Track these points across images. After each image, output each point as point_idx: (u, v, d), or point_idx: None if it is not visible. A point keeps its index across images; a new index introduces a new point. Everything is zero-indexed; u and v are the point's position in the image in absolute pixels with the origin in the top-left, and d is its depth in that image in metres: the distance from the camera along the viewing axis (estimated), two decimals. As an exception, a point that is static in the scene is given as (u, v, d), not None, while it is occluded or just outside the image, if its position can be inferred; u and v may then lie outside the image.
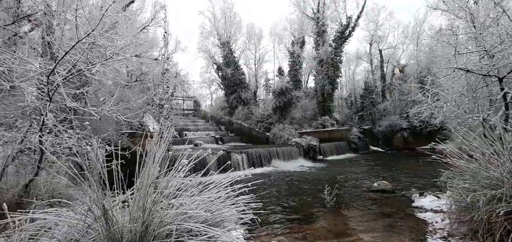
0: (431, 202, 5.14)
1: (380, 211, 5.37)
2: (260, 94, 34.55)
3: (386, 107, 25.50)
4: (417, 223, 4.61)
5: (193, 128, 24.83)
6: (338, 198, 6.25)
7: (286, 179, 10.13)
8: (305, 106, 24.24)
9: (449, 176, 4.09)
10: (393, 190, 6.89)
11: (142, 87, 13.86)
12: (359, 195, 6.85)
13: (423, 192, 5.79)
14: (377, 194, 6.79)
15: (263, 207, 6.17)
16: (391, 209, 5.48)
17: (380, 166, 12.61)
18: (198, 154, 3.69)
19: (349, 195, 6.94)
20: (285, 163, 14.53)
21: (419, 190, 6.51)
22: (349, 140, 21.61)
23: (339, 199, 6.27)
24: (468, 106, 6.14)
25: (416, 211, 5.13)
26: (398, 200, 6.15)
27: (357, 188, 7.68)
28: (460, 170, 3.83)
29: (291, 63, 26.24)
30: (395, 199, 6.24)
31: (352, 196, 6.77)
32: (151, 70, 13.02)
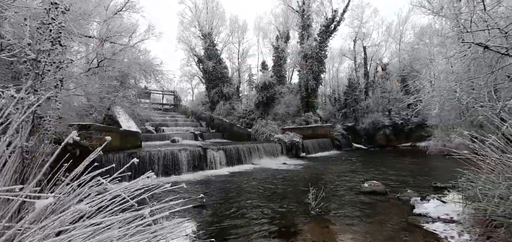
0: (437, 209, 4.33)
1: (377, 220, 4.51)
2: (243, 90, 33.47)
3: (369, 105, 25.44)
4: (426, 238, 3.69)
5: (172, 124, 23.33)
6: (325, 202, 5.35)
7: (267, 178, 9.19)
8: (288, 102, 23.50)
9: (471, 178, 3.25)
10: (385, 191, 6.14)
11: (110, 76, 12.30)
12: (348, 198, 6.02)
13: (426, 195, 4.94)
14: (369, 196, 5.98)
15: (238, 214, 5.24)
16: (388, 216, 4.65)
17: (365, 164, 12.05)
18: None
19: (337, 198, 6.09)
20: (267, 160, 13.61)
21: (414, 191, 5.79)
22: (333, 137, 21.18)
23: (325, 204, 5.39)
24: (474, 95, 5.45)
25: (421, 220, 4.27)
26: (394, 205, 5.37)
27: (345, 189, 6.87)
28: (488, 171, 2.98)
29: (275, 58, 25.38)
30: (391, 203, 5.48)
31: (341, 200, 5.94)
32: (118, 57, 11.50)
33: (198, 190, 7.62)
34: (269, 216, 4.98)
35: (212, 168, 11.49)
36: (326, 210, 5.04)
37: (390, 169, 10.07)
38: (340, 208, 5.22)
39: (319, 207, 4.94)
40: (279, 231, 4.22)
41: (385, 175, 8.86)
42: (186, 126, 23.45)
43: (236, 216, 5.06)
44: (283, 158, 14.80)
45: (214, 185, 8.39)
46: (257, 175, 10.17)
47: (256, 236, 4.02)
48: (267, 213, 5.16)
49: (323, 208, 5.03)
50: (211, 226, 4.56)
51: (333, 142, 20.77)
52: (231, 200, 6.30)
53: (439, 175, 8.65)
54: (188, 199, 6.53)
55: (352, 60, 28.16)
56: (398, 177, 8.44)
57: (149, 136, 18.25)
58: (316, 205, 4.89)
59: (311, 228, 4.23)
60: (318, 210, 4.88)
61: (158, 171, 9.94)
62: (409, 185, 6.63)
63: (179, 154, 10.73)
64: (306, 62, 21.30)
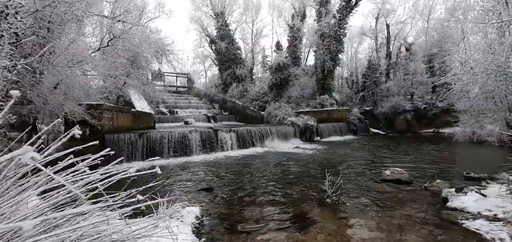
0: (476, 203, 3.67)
1: (403, 213, 3.90)
2: (257, 72, 32.74)
3: (390, 88, 23.98)
4: (467, 239, 3.07)
5: (185, 106, 23.44)
6: (342, 189, 4.88)
7: (279, 162, 8.80)
8: (303, 85, 22.64)
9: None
10: (410, 180, 5.53)
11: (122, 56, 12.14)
12: (368, 186, 5.45)
13: (463, 187, 4.22)
14: (391, 185, 5.40)
15: (248, 199, 4.78)
16: (416, 209, 4.04)
17: (385, 150, 11.29)
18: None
19: (355, 186, 5.53)
20: (279, 143, 13.19)
21: (444, 181, 5.14)
22: (349, 121, 20.27)
23: (343, 192, 4.91)
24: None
25: (459, 216, 3.60)
26: (422, 196, 4.74)
27: (364, 176, 6.31)
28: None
29: (291, 38, 24.27)
30: (417, 194, 4.85)
31: (360, 187, 5.38)
32: (127, 36, 11.22)
33: (208, 172, 7.39)
34: (281, 202, 4.60)
35: (223, 150, 11.26)
36: (343, 199, 4.56)
37: (412, 156, 9.29)
38: (359, 197, 4.71)
39: (336, 194, 4.47)
40: (291, 218, 3.84)
41: (408, 162, 8.15)
42: (199, 108, 23.45)
43: (246, 200, 4.73)
44: (296, 142, 14.31)
45: (225, 167, 8.13)
46: (269, 158, 9.80)
47: (267, 223, 3.66)
48: (278, 198, 4.78)
49: (340, 196, 4.56)
50: (219, 210, 4.26)
51: (349, 126, 19.91)
52: (241, 183, 5.99)
53: (470, 164, 7.83)
54: (197, 181, 6.31)
55: (373, 39, 26.38)
56: (422, 164, 7.71)
57: (163, 117, 18.40)
58: (332, 192, 4.43)
59: (326, 217, 3.80)
60: (334, 198, 4.42)
61: (169, 152, 9.83)
62: (436, 174, 5.95)
63: (190, 135, 10.54)
64: (323, 42, 20.12)
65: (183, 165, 8.60)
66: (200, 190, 5.44)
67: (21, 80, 6.91)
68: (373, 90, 23.36)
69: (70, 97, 8.47)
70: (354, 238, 3.19)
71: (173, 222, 2.95)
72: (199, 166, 8.37)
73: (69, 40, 7.66)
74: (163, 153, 9.69)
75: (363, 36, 28.53)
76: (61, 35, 7.75)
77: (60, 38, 7.68)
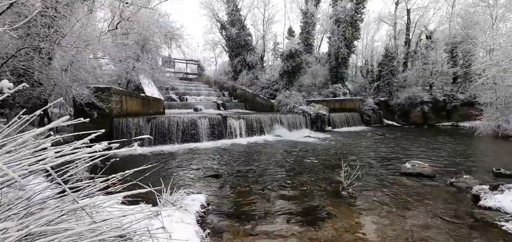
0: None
1: (428, 210, 3.51)
2: (268, 59, 32.07)
3: (407, 78, 22.86)
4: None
5: (195, 93, 23.37)
6: (358, 182, 4.46)
7: (290, 151, 8.48)
8: (315, 73, 21.94)
9: None
10: (434, 174, 5.08)
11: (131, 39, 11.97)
12: (386, 179, 5.03)
13: (499, 184, 3.65)
14: (412, 179, 4.97)
15: (257, 187, 4.49)
16: (444, 207, 3.62)
17: (401, 142, 10.71)
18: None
19: (372, 178, 5.11)
20: (290, 132, 12.84)
21: (472, 177, 4.66)
22: (362, 111, 19.55)
23: (359, 184, 4.48)
24: None
25: (496, 217, 3.14)
26: (448, 192, 4.28)
27: (381, 169, 5.88)
28: None
29: (303, 24, 23.37)
30: (443, 190, 4.41)
31: (377, 181, 4.97)
32: (137, 18, 10.99)
33: (216, 159, 7.20)
34: (292, 192, 4.31)
35: (232, 137, 11.05)
36: (359, 191, 4.21)
37: (432, 150, 8.72)
38: (378, 190, 4.33)
39: (352, 187, 4.12)
40: (303, 211, 3.55)
41: (428, 155, 7.61)
42: (209, 95, 23.32)
43: (254, 189, 4.48)
44: (307, 131, 13.90)
45: (233, 154, 7.91)
46: (279, 146, 9.50)
47: (277, 215, 3.39)
48: (289, 189, 4.49)
49: (357, 189, 4.21)
50: (226, 198, 4.03)
51: (362, 117, 19.23)
52: (250, 171, 5.74)
53: (497, 159, 7.23)
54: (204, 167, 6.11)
55: (392, 26, 25.01)
56: (444, 159, 7.17)
57: (172, 104, 18.38)
58: (348, 184, 4.08)
59: (342, 212, 3.48)
60: (350, 191, 4.08)
61: (177, 137, 9.70)
62: (462, 169, 5.46)
63: (199, 121, 10.36)
64: (338, 28, 19.23)
65: (192, 151, 8.46)
66: (207, 176, 5.23)
67: (29, 62, 6.84)
68: (389, 80, 22.33)
69: (79, 80, 8.41)
70: (374, 236, 2.87)
71: (176, 211, 2.73)
72: (208, 153, 8.19)
73: (77, 20, 7.50)
74: (172, 138, 9.57)
75: (380, 23, 27.13)
76: (70, 16, 7.58)
77: (69, 19, 7.51)
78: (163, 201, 2.77)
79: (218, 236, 2.79)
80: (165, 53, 22.73)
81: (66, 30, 7.01)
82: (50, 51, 6.48)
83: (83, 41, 7.33)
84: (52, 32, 6.81)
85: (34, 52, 6.79)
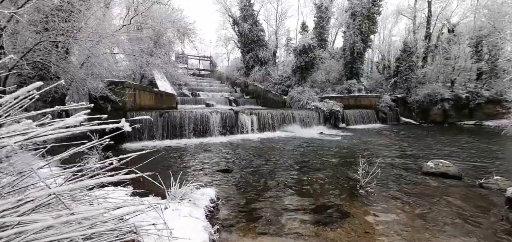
0: None
1: (456, 213, 3.22)
2: (280, 55, 31.67)
3: (427, 74, 21.78)
4: None
5: (207, 89, 23.54)
6: (376, 180, 4.13)
7: (303, 148, 8.26)
8: (329, 68, 21.38)
9: None
10: (460, 174, 4.72)
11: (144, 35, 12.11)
12: (407, 179, 4.69)
13: None
14: (436, 179, 4.63)
15: (268, 184, 4.32)
16: (474, 211, 3.30)
17: (420, 141, 10.18)
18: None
19: (392, 177, 4.76)
20: (302, 129, 12.57)
21: (504, 178, 4.27)
22: (378, 108, 18.87)
23: (377, 182, 4.16)
24: None
25: None
26: (477, 194, 3.91)
27: (400, 168, 5.55)
28: None
29: (317, 19, 22.79)
30: (471, 191, 4.04)
31: (397, 180, 4.64)
32: (150, 13, 11.06)
33: (227, 154, 7.11)
34: (304, 190, 4.13)
35: (244, 132, 10.95)
36: (378, 190, 3.95)
37: (455, 149, 8.19)
38: (398, 190, 4.06)
39: (370, 186, 3.88)
40: (316, 209, 3.36)
41: (451, 155, 7.14)
42: (221, 91, 23.40)
43: (266, 186, 4.33)
44: (320, 127, 13.57)
45: (244, 150, 7.80)
46: (291, 143, 9.30)
47: (289, 213, 3.23)
48: (301, 186, 4.31)
49: (375, 188, 3.95)
50: (236, 194, 3.92)
51: (378, 114, 18.57)
52: (261, 167, 5.60)
53: (529, 159, 6.67)
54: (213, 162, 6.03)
55: (411, 19, 23.87)
56: (469, 158, 6.69)
57: (185, 99, 18.58)
58: (367, 182, 3.84)
59: (358, 211, 3.26)
60: (368, 189, 3.84)
61: (189, 132, 9.72)
62: (491, 170, 5.02)
63: (210, 116, 10.33)
64: (354, 22, 18.58)
65: (203, 146, 8.44)
66: (218, 171, 5.15)
67: (47, 56, 7.01)
68: (407, 76, 21.36)
69: (94, 74, 8.58)
70: (395, 240, 2.64)
71: (184, 205, 2.64)
72: (219, 147, 8.14)
73: (91, 14, 7.61)
74: (184, 132, 9.61)
75: (399, 16, 25.97)
76: (86, 11, 7.70)
77: (84, 14, 7.63)
78: (172, 195, 2.68)
79: (228, 233, 2.68)
80: (179, 50, 22.98)
81: (81, 24, 7.13)
82: (65, 45, 6.59)
83: (98, 35, 7.43)
84: (68, 27, 6.94)
85: (51, 46, 6.95)
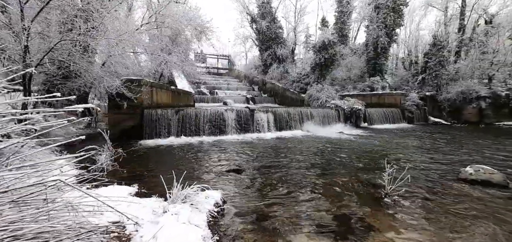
0: None
1: (504, 229, 2.72)
2: (299, 53, 30.99)
3: (460, 69, 20.01)
4: None
5: (225, 87, 23.62)
6: (405, 186, 3.67)
7: (321, 148, 7.81)
8: (350, 65, 20.44)
9: None
10: (506, 183, 4.06)
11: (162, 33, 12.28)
12: (441, 186, 4.10)
13: None
14: (477, 187, 3.99)
15: (282, 188, 4.00)
16: None
17: (454, 143, 9.22)
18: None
19: (422, 184, 4.20)
20: (321, 128, 12.04)
21: None
22: (404, 107, 17.67)
23: (406, 189, 3.70)
24: None
25: None
26: None
27: (432, 173, 4.92)
28: None
29: (338, 14, 21.92)
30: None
31: (429, 187, 4.07)
32: (167, 11, 11.16)
33: (240, 153, 6.89)
34: (322, 196, 3.75)
35: (260, 131, 10.69)
36: (407, 199, 3.47)
37: (497, 153, 7.24)
38: (431, 199, 3.52)
39: (397, 193, 3.41)
40: (336, 219, 2.99)
41: (493, 160, 6.28)
42: (239, 90, 23.34)
43: (279, 189, 4.03)
44: (340, 127, 12.92)
45: (259, 149, 7.53)
46: (309, 143, 8.87)
47: (304, 222, 2.89)
48: (319, 191, 3.95)
49: (403, 196, 3.48)
50: (245, 197, 3.65)
51: (404, 113, 17.38)
52: (275, 168, 5.30)
53: None
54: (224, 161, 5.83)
55: (442, 11, 22.10)
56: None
57: (203, 97, 18.70)
58: (393, 190, 3.38)
59: (384, 223, 2.83)
60: (396, 198, 3.38)
61: (204, 129, 9.66)
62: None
63: (225, 114, 10.19)
64: (378, 15, 17.53)
65: (217, 144, 8.30)
66: (228, 170, 4.93)
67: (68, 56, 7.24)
68: (437, 72, 19.77)
69: (114, 73, 8.78)
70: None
71: (185, 208, 2.42)
72: (233, 146, 7.95)
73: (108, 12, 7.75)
74: (198, 130, 9.56)
75: (428, 7, 24.16)
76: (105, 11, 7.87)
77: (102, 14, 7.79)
78: (173, 197, 2.48)
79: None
80: (197, 48, 23.26)
81: (99, 24, 7.28)
82: (84, 44, 6.74)
83: (117, 34, 7.55)
84: (88, 26, 7.11)
85: (72, 45, 7.16)
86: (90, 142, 5.44)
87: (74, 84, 8.22)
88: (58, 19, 7.08)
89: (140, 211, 2.40)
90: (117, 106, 8.07)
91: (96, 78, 8.16)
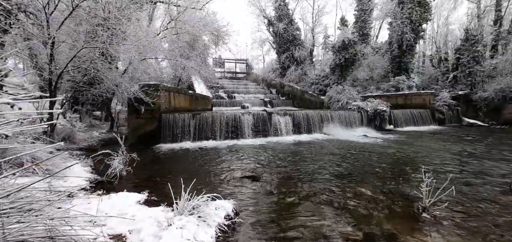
0: None
1: None
2: (317, 54, 30.28)
3: (498, 65, 18.22)
4: None
5: (243, 91, 23.62)
6: (446, 199, 3.12)
7: (344, 153, 7.32)
8: (372, 65, 19.47)
9: None
10: None
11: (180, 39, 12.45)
12: (489, 198, 3.54)
13: None
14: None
15: (302, 198, 3.64)
16: None
17: (498, 147, 8.20)
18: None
19: (467, 197, 3.65)
20: (342, 131, 11.42)
21: None
22: (434, 107, 16.38)
23: (447, 203, 3.16)
24: None
25: None
26: None
27: (476, 183, 4.31)
28: None
29: (358, 12, 21.07)
30: None
31: (475, 199, 3.53)
32: (185, 17, 11.30)
33: (257, 158, 6.62)
34: (346, 208, 3.35)
35: (277, 134, 10.36)
36: (450, 216, 2.95)
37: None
38: (478, 215, 2.98)
39: (438, 208, 2.92)
40: (366, 237, 2.59)
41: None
42: (257, 93, 23.21)
43: (297, 199, 3.70)
44: (363, 130, 12.19)
45: (277, 154, 7.21)
46: (330, 147, 8.38)
47: (327, 239, 2.55)
48: (342, 202, 3.55)
49: (445, 211, 2.97)
50: (261, 208, 3.36)
51: (433, 115, 16.10)
52: (293, 174, 4.97)
53: None
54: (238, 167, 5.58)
55: (474, 2, 20.38)
56: None
57: (221, 101, 18.77)
58: (432, 204, 2.91)
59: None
60: (436, 213, 2.90)
61: (220, 133, 9.53)
62: None
63: (242, 118, 10.00)
64: (402, 10, 16.52)
65: (233, 148, 8.11)
66: (243, 177, 4.67)
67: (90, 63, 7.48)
68: (471, 69, 18.16)
69: (135, 79, 8.96)
70: None
71: (191, 221, 2.19)
72: (249, 150, 7.70)
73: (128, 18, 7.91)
74: (215, 134, 9.45)
75: (458, 0, 22.46)
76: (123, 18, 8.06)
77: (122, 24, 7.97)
78: (180, 208, 2.27)
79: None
80: (215, 55, 23.55)
81: (120, 34, 7.44)
82: (103, 51, 6.90)
83: (135, 40, 7.68)
84: (109, 34, 7.30)
85: (94, 53, 7.38)
86: (108, 146, 5.51)
87: (98, 91, 8.50)
88: (83, 28, 7.35)
89: (145, 221, 2.23)
90: (136, 111, 8.20)
91: (117, 85, 8.38)
